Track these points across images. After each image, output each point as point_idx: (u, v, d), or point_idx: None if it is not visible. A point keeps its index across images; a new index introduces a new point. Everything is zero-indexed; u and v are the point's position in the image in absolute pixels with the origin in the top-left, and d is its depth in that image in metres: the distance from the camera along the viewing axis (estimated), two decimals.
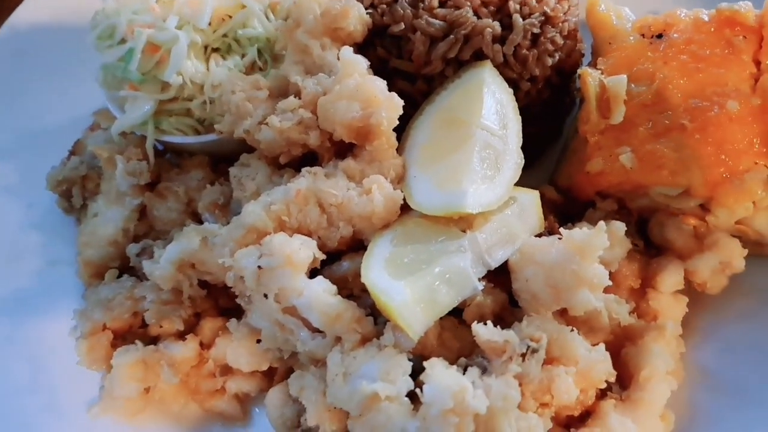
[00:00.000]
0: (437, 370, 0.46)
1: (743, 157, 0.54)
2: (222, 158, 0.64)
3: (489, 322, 0.50)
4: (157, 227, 0.62)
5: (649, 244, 0.61)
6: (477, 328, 0.49)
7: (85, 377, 0.60)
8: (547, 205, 0.60)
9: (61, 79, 0.68)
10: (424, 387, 0.46)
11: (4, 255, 0.61)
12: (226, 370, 0.60)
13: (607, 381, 0.53)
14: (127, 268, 0.62)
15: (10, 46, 0.67)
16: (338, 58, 0.55)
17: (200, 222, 0.65)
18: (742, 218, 0.56)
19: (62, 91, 0.68)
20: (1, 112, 0.66)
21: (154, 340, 0.60)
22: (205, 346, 0.60)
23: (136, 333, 0.60)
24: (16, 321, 0.60)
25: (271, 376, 0.61)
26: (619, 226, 0.56)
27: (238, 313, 0.59)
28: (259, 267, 0.50)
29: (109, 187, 0.61)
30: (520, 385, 0.47)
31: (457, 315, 0.53)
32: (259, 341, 0.55)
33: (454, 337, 0.52)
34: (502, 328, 0.51)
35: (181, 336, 0.59)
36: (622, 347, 0.54)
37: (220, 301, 0.61)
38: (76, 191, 0.63)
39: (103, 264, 0.61)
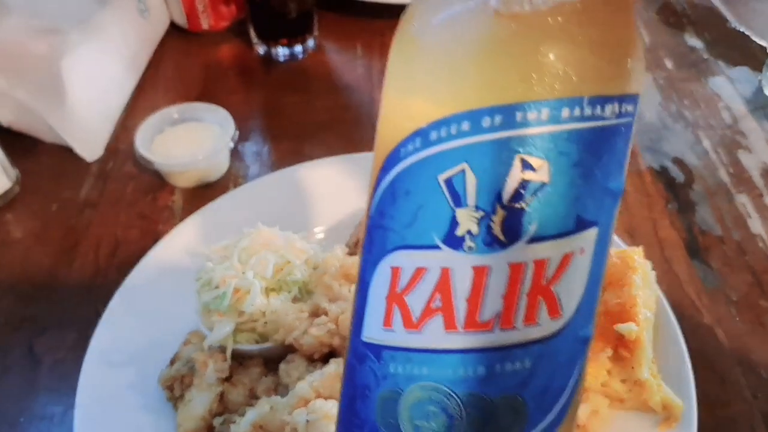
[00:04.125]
0: None
1: (596, 342, 0.86)
2: (270, 360, 0.96)
3: None
4: (230, 407, 0.91)
5: None
6: None
7: None
8: None
9: (161, 314, 1.01)
10: None
11: (130, 428, 0.90)
12: None
13: None
14: None
15: (130, 290, 1.00)
16: (349, 291, 0.91)
17: None
18: (603, 382, 0.88)
19: (160, 321, 1.00)
20: (124, 334, 0.97)
21: None
22: None
23: None
24: None
25: None
26: None
27: None
28: (308, 420, 0.80)
29: (200, 381, 0.91)
30: None
31: None
32: None
33: None
34: None
35: None
36: None
37: None
38: (177, 385, 0.93)
39: None
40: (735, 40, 1.55)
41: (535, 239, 0.34)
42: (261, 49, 1.57)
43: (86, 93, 1.34)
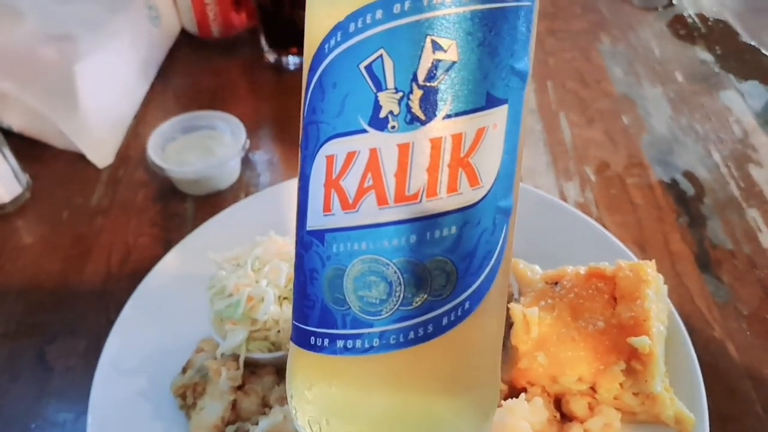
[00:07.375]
0: None
1: (610, 355, 0.87)
2: (283, 369, 0.96)
3: None
4: (242, 416, 0.91)
5: (563, 415, 0.93)
6: None
7: None
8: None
9: (172, 321, 1.01)
10: None
11: None
12: None
13: None
14: None
15: (142, 298, 1.00)
16: None
17: None
18: (616, 395, 0.88)
19: (172, 329, 0.99)
20: (136, 341, 0.97)
21: None
22: None
23: None
24: None
25: None
26: (538, 401, 0.88)
27: None
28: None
29: (213, 389, 0.92)
30: None
31: None
32: None
33: None
34: None
35: None
36: None
37: None
38: (189, 393, 0.93)
39: None
40: (746, 54, 1.56)
41: (451, 115, 0.37)
42: (272, 58, 1.58)
43: (98, 99, 1.34)
